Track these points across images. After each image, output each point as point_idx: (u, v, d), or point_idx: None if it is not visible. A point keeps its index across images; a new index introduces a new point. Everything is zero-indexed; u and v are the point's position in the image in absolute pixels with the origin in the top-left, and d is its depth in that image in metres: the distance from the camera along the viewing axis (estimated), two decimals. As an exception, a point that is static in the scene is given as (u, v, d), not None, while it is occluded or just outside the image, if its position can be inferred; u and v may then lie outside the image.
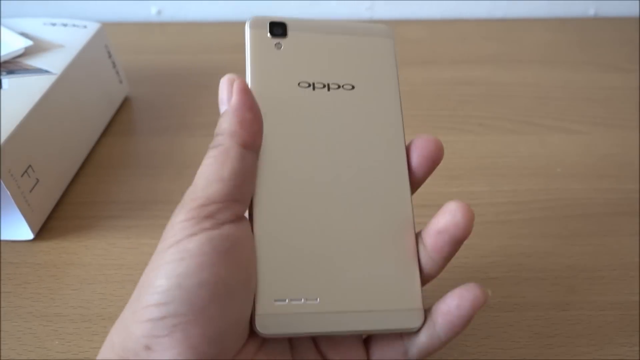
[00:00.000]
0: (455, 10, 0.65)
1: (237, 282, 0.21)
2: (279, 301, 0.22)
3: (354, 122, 0.26)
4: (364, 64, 0.27)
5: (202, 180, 0.22)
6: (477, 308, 0.22)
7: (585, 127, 0.47)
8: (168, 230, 0.21)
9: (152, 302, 0.20)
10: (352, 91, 0.26)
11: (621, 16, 0.64)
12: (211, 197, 0.21)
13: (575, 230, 0.38)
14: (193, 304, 0.20)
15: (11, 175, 0.35)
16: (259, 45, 0.27)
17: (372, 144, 0.26)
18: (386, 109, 0.26)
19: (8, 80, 0.39)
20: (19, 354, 0.31)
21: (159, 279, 0.20)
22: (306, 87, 0.26)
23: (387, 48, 0.28)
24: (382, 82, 0.27)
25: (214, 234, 0.21)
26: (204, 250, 0.20)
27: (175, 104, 0.51)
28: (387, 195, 0.25)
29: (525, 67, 0.56)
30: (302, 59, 0.27)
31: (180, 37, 0.63)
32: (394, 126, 0.26)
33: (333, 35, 0.27)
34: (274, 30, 0.27)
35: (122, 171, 0.44)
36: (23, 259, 0.37)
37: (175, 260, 0.20)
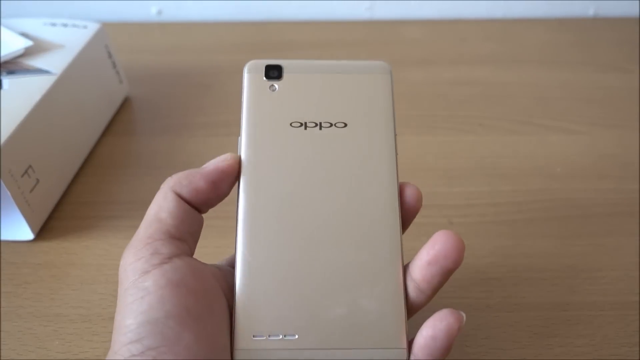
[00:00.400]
0: (454, 10, 0.65)
1: (202, 308, 0.22)
2: (257, 337, 0.23)
3: (345, 159, 0.26)
4: (358, 101, 0.27)
5: (143, 224, 0.24)
6: (453, 335, 0.22)
7: (585, 127, 0.47)
8: (121, 274, 0.23)
9: (127, 341, 0.21)
10: (344, 129, 0.26)
11: (621, 16, 0.65)
12: (152, 236, 0.23)
13: (575, 230, 0.38)
14: (165, 335, 0.20)
15: (11, 175, 0.35)
16: (254, 88, 0.27)
17: (363, 181, 0.25)
18: (379, 146, 0.26)
19: (8, 80, 0.39)
20: (19, 354, 0.31)
21: (127, 319, 0.21)
22: (298, 126, 0.26)
23: (384, 84, 0.28)
24: (376, 118, 0.27)
25: (165, 268, 0.22)
26: (160, 285, 0.21)
27: (175, 104, 0.51)
28: (376, 233, 0.25)
29: (525, 67, 0.56)
30: (295, 100, 0.27)
31: (180, 37, 0.63)
32: (387, 163, 0.26)
33: (329, 75, 0.28)
34: (269, 73, 0.28)
35: (123, 171, 0.44)
36: (23, 259, 0.37)
37: (136, 300, 0.21)
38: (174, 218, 0.24)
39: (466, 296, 0.34)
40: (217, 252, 0.29)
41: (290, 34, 0.63)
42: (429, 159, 0.44)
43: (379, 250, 0.24)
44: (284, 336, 0.23)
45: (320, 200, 0.25)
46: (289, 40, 0.62)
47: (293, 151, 0.26)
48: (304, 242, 0.24)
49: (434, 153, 0.45)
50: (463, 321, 0.22)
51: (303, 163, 0.26)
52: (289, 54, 0.59)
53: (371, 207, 0.25)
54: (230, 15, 0.66)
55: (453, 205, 0.40)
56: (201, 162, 0.47)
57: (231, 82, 0.54)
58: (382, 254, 0.24)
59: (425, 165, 0.43)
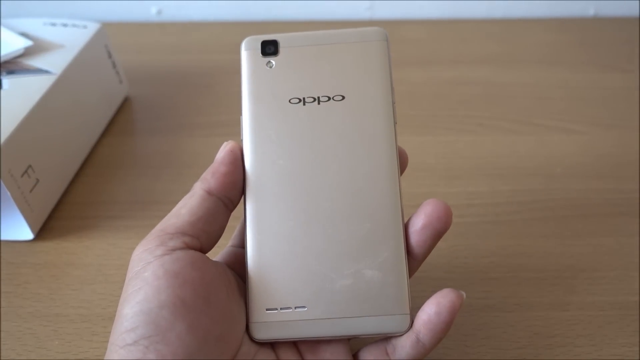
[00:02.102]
0: (455, 10, 0.65)
1: (197, 298, 0.22)
2: (270, 310, 0.24)
3: (344, 132, 0.26)
4: (355, 72, 0.27)
5: (165, 218, 0.25)
6: (455, 312, 0.23)
7: (585, 127, 0.47)
8: (130, 265, 0.24)
9: (122, 330, 0.21)
10: (342, 102, 0.27)
11: (621, 16, 0.64)
12: (165, 229, 0.24)
13: (575, 230, 0.38)
14: (158, 325, 0.21)
15: (11, 175, 0.35)
16: (252, 66, 0.28)
17: (362, 153, 0.26)
18: (377, 116, 0.26)
19: (8, 80, 0.39)
20: (19, 354, 0.31)
21: (124, 309, 0.22)
22: (297, 102, 0.27)
23: (380, 51, 0.27)
24: (373, 88, 0.27)
25: (165, 259, 0.23)
26: (158, 275, 0.22)
27: (175, 104, 0.51)
28: (377, 204, 0.25)
29: (525, 67, 0.56)
30: (292, 76, 0.27)
31: (180, 37, 0.63)
32: (385, 133, 0.26)
33: (325, 46, 0.28)
34: (265, 49, 0.28)
35: (122, 171, 0.44)
36: (23, 259, 0.37)
37: (135, 290, 0.22)
38: (191, 215, 0.24)
39: (466, 296, 0.33)
40: (216, 250, 0.29)
41: (290, 34, 0.63)
42: (429, 159, 0.44)
43: (380, 220, 0.25)
44: (295, 308, 0.24)
45: (323, 174, 0.26)
46: (289, 40, 0.62)
47: (293, 128, 0.26)
48: (309, 216, 0.25)
49: (434, 153, 0.45)
50: (464, 299, 0.24)
51: (304, 139, 0.26)
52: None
53: (372, 178, 0.26)
54: (230, 15, 0.66)
55: (453, 205, 0.39)
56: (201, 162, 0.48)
57: (231, 82, 0.54)
58: (384, 223, 0.25)
59: (425, 165, 0.43)
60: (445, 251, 0.36)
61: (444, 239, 0.27)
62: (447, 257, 0.36)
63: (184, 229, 0.24)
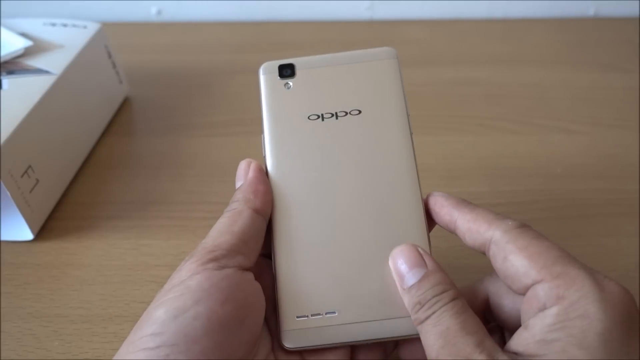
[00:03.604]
0: (455, 10, 0.65)
1: (233, 319, 0.22)
2: (300, 317, 0.25)
3: (363, 143, 0.27)
4: (369, 88, 0.28)
5: (214, 233, 0.25)
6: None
7: (585, 127, 0.47)
8: (175, 273, 0.23)
9: (149, 332, 0.21)
10: (359, 115, 0.28)
11: (621, 16, 0.64)
12: (219, 245, 0.24)
13: (575, 231, 0.38)
14: (186, 335, 0.21)
15: (11, 175, 0.35)
16: (270, 88, 0.29)
17: (382, 162, 0.27)
18: (394, 127, 0.28)
19: (8, 81, 0.39)
20: (19, 355, 0.31)
21: (158, 311, 0.22)
22: (316, 119, 0.28)
23: (392, 68, 0.29)
24: (388, 101, 0.28)
25: (214, 273, 0.23)
26: (202, 287, 0.22)
27: (175, 104, 0.51)
28: (400, 210, 0.26)
29: (526, 67, 0.56)
30: (310, 94, 0.28)
31: (180, 37, 0.63)
32: (403, 142, 0.27)
33: (338, 67, 0.29)
34: (283, 72, 0.29)
35: (122, 171, 0.44)
36: (23, 260, 0.37)
37: (175, 296, 0.22)
38: (244, 234, 0.25)
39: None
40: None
41: (290, 34, 0.63)
42: (429, 159, 0.44)
43: (404, 223, 0.26)
44: (325, 314, 0.25)
45: (345, 184, 0.27)
46: (289, 40, 0.62)
47: (313, 142, 0.27)
48: (334, 224, 0.26)
49: (435, 153, 0.44)
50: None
51: (324, 152, 0.27)
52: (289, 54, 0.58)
53: (393, 184, 0.26)
54: (230, 15, 0.66)
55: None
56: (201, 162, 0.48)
57: (231, 82, 0.54)
58: (407, 227, 0.26)
59: (425, 165, 0.43)
60: (446, 252, 0.36)
61: (445, 239, 0.27)
62: (447, 257, 0.36)
63: (239, 248, 0.24)
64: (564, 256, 0.22)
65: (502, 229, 0.23)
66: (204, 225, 0.39)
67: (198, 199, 0.41)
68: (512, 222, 0.24)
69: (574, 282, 0.21)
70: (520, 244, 0.23)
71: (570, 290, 0.21)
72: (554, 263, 0.22)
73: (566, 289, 0.21)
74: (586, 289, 0.21)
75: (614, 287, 0.21)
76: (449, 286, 0.23)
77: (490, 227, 0.24)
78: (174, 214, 0.40)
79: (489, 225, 0.24)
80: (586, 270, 0.21)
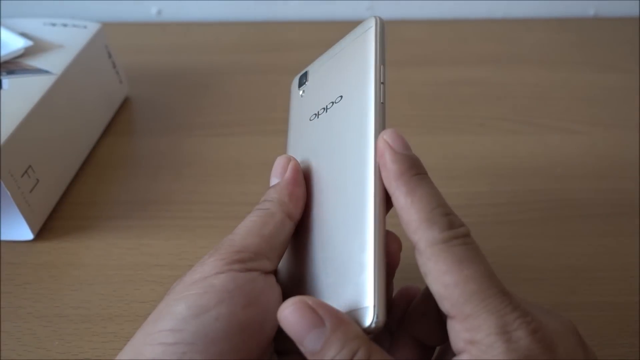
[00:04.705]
0: (455, 10, 0.65)
1: (253, 323, 0.22)
2: None
3: (341, 130, 0.25)
4: (349, 69, 0.27)
5: (243, 231, 0.24)
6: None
7: (585, 127, 0.47)
8: (198, 265, 0.23)
9: (168, 327, 0.21)
10: (341, 102, 0.26)
11: (621, 16, 0.64)
12: (247, 247, 0.23)
13: (575, 231, 0.38)
14: (206, 336, 0.20)
15: (11, 175, 0.35)
16: (293, 100, 0.31)
17: (348, 151, 0.25)
18: (362, 107, 0.25)
19: (8, 81, 0.39)
20: (19, 355, 0.31)
21: (179, 306, 0.21)
22: (314, 118, 0.28)
23: (368, 40, 0.26)
24: (362, 78, 0.25)
25: (239, 275, 0.22)
26: (227, 287, 0.21)
27: (175, 104, 0.51)
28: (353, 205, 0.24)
29: (525, 67, 0.56)
30: (313, 96, 0.29)
31: (180, 37, 0.63)
32: (365, 115, 0.24)
33: (332, 59, 0.29)
34: (300, 82, 0.31)
35: (122, 171, 0.44)
36: (23, 260, 0.37)
37: (199, 293, 0.21)
38: (273, 238, 0.24)
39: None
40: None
41: (290, 34, 0.63)
42: (429, 160, 0.44)
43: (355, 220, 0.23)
44: None
45: (323, 179, 0.26)
46: (289, 40, 0.62)
47: (307, 142, 0.28)
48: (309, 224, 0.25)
49: (434, 153, 0.45)
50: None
51: (313, 149, 0.27)
52: (289, 54, 0.59)
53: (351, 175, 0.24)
54: (230, 15, 0.66)
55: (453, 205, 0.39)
56: (201, 162, 0.47)
57: (231, 82, 0.54)
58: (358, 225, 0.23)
59: (425, 165, 0.43)
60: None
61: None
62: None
63: (266, 252, 0.23)
64: (480, 291, 0.20)
65: (426, 240, 0.21)
66: (204, 225, 0.39)
67: (198, 199, 0.41)
68: (440, 231, 0.21)
69: (481, 329, 0.19)
70: (440, 266, 0.20)
71: (479, 336, 0.19)
72: (466, 300, 0.20)
73: (475, 334, 0.19)
74: (493, 338, 0.19)
75: (521, 338, 0.19)
76: (356, 343, 0.20)
77: (416, 231, 0.21)
78: (174, 214, 0.40)
79: (416, 227, 0.21)
80: (496, 315, 0.19)
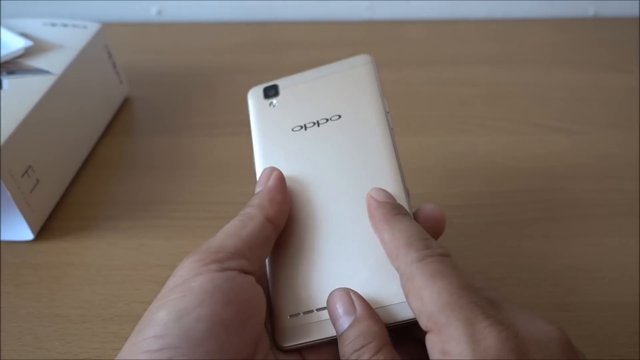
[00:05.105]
0: (455, 10, 0.65)
1: (235, 321, 0.22)
2: (293, 316, 0.25)
3: (345, 145, 0.28)
4: (348, 93, 0.30)
5: (222, 234, 0.25)
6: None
7: (585, 127, 0.47)
8: (177, 270, 0.23)
9: (151, 334, 0.21)
10: (339, 120, 0.29)
11: (621, 16, 0.64)
12: (224, 247, 0.24)
13: (575, 231, 0.38)
14: (190, 338, 0.21)
15: (11, 175, 0.35)
16: (257, 109, 0.31)
17: (364, 163, 0.28)
18: (372, 125, 0.28)
19: (8, 81, 0.39)
20: (19, 355, 0.31)
21: (160, 313, 0.21)
22: (299, 129, 0.29)
23: (368, 72, 0.30)
24: (366, 102, 0.29)
25: (217, 275, 0.22)
26: (205, 288, 0.22)
27: (175, 104, 0.51)
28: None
29: (525, 67, 0.56)
30: (293, 109, 0.30)
31: (180, 37, 0.63)
32: (382, 141, 0.28)
33: (318, 80, 0.31)
34: (267, 93, 0.31)
35: (122, 171, 0.44)
36: (23, 260, 0.37)
37: (178, 297, 0.22)
38: (252, 239, 0.24)
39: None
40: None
41: (290, 34, 0.63)
42: (429, 160, 0.44)
43: None
44: (316, 310, 0.25)
45: (331, 185, 0.27)
46: (289, 40, 0.62)
47: (298, 149, 0.29)
48: (321, 223, 0.27)
49: (434, 153, 0.44)
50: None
51: (309, 157, 0.28)
52: (289, 54, 0.59)
53: (374, 178, 0.27)
54: (230, 15, 0.66)
55: (453, 205, 0.40)
56: (201, 162, 0.47)
57: (231, 82, 0.54)
58: None
59: (425, 165, 0.43)
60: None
61: (445, 239, 0.27)
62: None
63: (244, 252, 0.24)
64: (452, 302, 0.21)
65: (405, 262, 0.23)
66: (204, 225, 0.39)
67: (198, 199, 0.41)
68: (416, 251, 0.23)
69: (452, 338, 0.20)
70: (416, 283, 0.22)
71: (449, 346, 0.20)
72: (440, 311, 0.21)
73: (447, 344, 0.20)
74: (462, 347, 0.20)
75: (490, 346, 0.19)
76: (371, 337, 0.22)
77: (397, 257, 0.23)
78: (174, 214, 0.40)
79: (397, 254, 0.23)
80: (466, 324, 0.20)
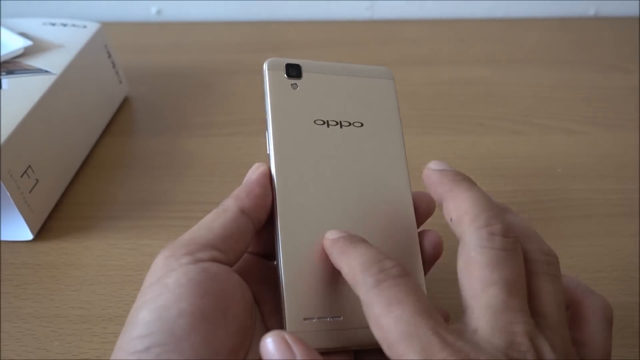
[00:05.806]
0: (455, 10, 0.65)
1: (215, 311, 0.22)
2: (307, 319, 0.25)
3: (365, 154, 0.29)
4: (370, 103, 0.30)
5: (194, 227, 0.25)
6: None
7: (585, 127, 0.47)
8: (152, 267, 0.23)
9: (135, 335, 0.21)
10: (361, 128, 0.29)
11: (621, 16, 0.64)
12: (194, 240, 0.24)
13: (576, 231, 0.38)
14: (174, 333, 0.21)
15: (11, 175, 0.35)
16: (277, 86, 0.29)
17: (380, 169, 0.28)
18: (392, 142, 0.29)
19: (8, 80, 0.39)
20: (19, 355, 0.31)
21: (140, 313, 0.22)
22: (321, 124, 0.29)
23: (390, 88, 0.31)
24: (387, 119, 0.30)
25: (189, 268, 0.22)
26: (180, 283, 0.22)
27: (175, 104, 0.51)
28: (396, 214, 0.27)
29: (525, 67, 0.56)
30: (316, 99, 0.29)
31: (180, 37, 0.63)
32: (399, 160, 0.29)
33: (341, 77, 0.30)
34: (290, 72, 0.29)
35: (122, 171, 0.44)
36: (23, 260, 0.37)
37: (155, 296, 0.22)
38: (224, 230, 0.24)
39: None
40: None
41: (290, 34, 0.63)
42: (429, 160, 0.44)
43: (398, 226, 0.27)
44: (331, 318, 0.25)
45: (349, 188, 0.27)
46: (289, 40, 0.62)
47: (320, 147, 0.28)
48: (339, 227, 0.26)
49: (434, 153, 0.44)
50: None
51: (330, 157, 0.28)
52: (289, 54, 0.59)
53: (390, 190, 0.28)
54: (230, 15, 0.66)
55: (453, 205, 0.40)
56: (201, 162, 0.47)
57: (231, 82, 0.54)
58: (402, 230, 0.27)
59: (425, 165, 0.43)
60: (447, 252, 0.35)
61: (446, 240, 0.27)
62: (449, 258, 0.35)
63: (215, 243, 0.24)
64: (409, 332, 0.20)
65: (363, 291, 0.22)
66: (204, 225, 0.39)
67: (198, 199, 0.41)
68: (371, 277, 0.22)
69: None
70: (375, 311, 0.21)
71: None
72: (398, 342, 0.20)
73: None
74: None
75: None
76: None
77: (356, 286, 0.22)
78: (174, 214, 0.40)
79: (355, 282, 0.22)
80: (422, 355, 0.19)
